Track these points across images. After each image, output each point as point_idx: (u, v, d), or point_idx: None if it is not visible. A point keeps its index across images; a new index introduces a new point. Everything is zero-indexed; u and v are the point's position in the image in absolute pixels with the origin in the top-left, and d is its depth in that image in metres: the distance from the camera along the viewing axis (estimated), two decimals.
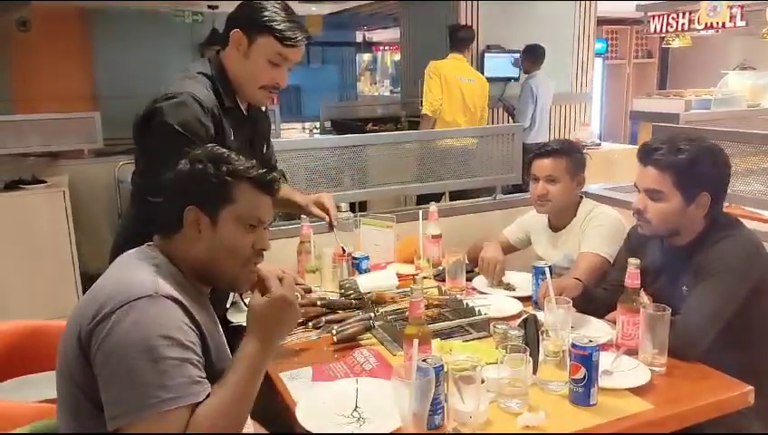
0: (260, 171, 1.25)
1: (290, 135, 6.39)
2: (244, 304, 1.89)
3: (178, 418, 1.04)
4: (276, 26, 1.64)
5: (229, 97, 1.71)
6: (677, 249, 1.71)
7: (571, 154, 2.17)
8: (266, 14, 1.65)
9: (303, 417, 1.29)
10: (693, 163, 1.60)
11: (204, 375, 1.11)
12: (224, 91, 1.70)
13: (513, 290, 2.07)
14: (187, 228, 1.21)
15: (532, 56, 5.16)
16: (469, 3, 5.59)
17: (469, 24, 5.55)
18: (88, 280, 1.13)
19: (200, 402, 1.08)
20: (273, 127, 5.77)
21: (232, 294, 1.86)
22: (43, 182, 3.89)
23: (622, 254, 1.90)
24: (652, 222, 1.67)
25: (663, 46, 8.76)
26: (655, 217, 1.66)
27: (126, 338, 1.05)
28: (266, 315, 1.21)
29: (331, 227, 2.06)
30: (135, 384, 1.03)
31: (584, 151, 2.27)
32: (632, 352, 1.52)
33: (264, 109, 1.90)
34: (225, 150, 1.27)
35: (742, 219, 1.80)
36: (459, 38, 4.57)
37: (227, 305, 1.83)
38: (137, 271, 1.16)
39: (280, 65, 1.69)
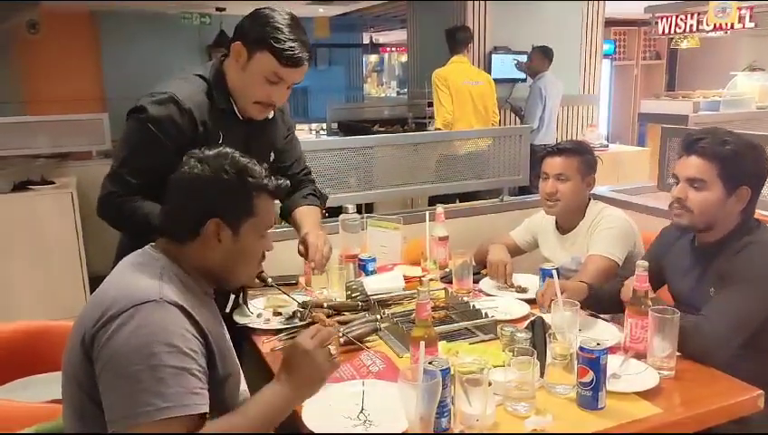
0: (274, 181, 1.26)
1: (297, 136, 6.39)
2: (247, 307, 1.90)
3: (172, 428, 1.03)
4: (276, 44, 1.59)
5: (224, 100, 1.69)
6: (706, 247, 1.70)
7: (582, 154, 2.16)
8: (269, 29, 1.59)
9: (309, 419, 1.29)
10: (737, 155, 1.61)
11: (204, 387, 1.10)
12: (218, 94, 1.68)
13: (526, 292, 2.06)
14: (207, 239, 1.20)
15: (540, 57, 5.14)
16: (476, 3, 5.59)
17: (476, 25, 5.54)
18: (95, 281, 1.14)
19: (201, 415, 1.07)
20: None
21: (232, 297, 1.86)
22: (52, 183, 3.91)
23: (649, 254, 1.88)
24: (693, 211, 1.65)
25: (671, 47, 8.72)
26: (696, 207, 1.64)
27: (127, 343, 1.05)
28: (313, 372, 1.19)
29: (312, 270, 1.93)
30: (132, 390, 1.03)
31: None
32: (640, 356, 1.51)
33: (271, 116, 1.83)
34: (245, 158, 1.24)
35: None
36: (459, 39, 4.50)
37: (227, 310, 1.81)
38: (141, 275, 1.16)
39: (277, 83, 1.65)
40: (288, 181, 1.33)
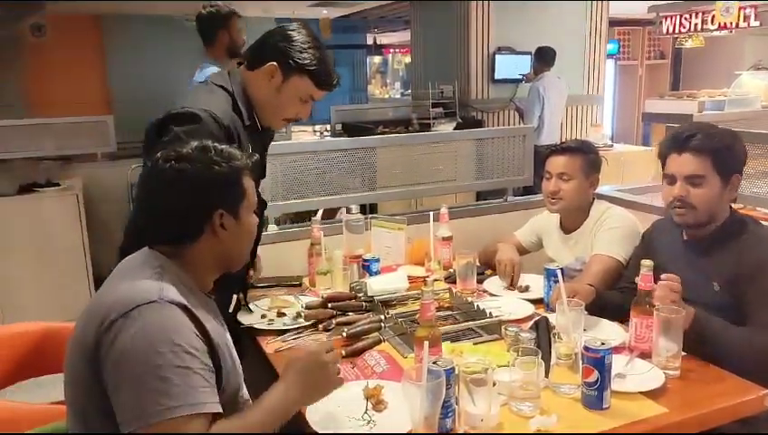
0: (249, 157, 1.30)
1: (301, 138, 6.40)
2: (248, 307, 1.91)
3: (184, 428, 1.03)
4: (314, 69, 1.65)
5: (248, 115, 1.69)
6: (698, 241, 1.73)
7: (586, 154, 2.16)
8: (305, 55, 1.64)
9: (314, 419, 1.29)
10: (729, 146, 1.68)
11: (210, 385, 1.10)
12: (244, 108, 1.68)
13: (527, 291, 2.06)
14: (214, 232, 1.21)
15: (541, 58, 5.16)
16: (479, 4, 5.59)
17: (480, 25, 5.55)
18: (100, 282, 1.14)
19: (213, 413, 1.07)
20: (284, 130, 5.81)
21: (235, 297, 1.86)
22: (57, 185, 3.92)
23: (638, 256, 1.88)
24: (697, 208, 1.68)
25: (676, 47, 8.70)
26: (699, 203, 1.67)
27: (131, 345, 1.05)
28: (325, 383, 1.25)
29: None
30: (139, 392, 1.03)
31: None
32: (646, 355, 1.50)
33: None
34: (224, 146, 1.27)
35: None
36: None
37: (230, 310, 1.81)
38: (140, 277, 1.15)
39: (308, 102, 1.72)
40: (257, 154, 1.38)
